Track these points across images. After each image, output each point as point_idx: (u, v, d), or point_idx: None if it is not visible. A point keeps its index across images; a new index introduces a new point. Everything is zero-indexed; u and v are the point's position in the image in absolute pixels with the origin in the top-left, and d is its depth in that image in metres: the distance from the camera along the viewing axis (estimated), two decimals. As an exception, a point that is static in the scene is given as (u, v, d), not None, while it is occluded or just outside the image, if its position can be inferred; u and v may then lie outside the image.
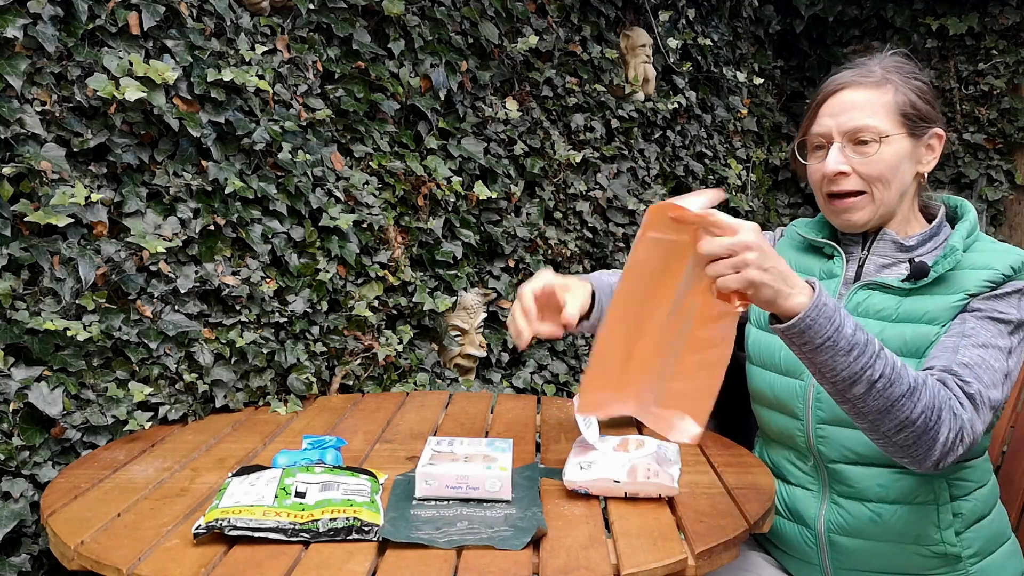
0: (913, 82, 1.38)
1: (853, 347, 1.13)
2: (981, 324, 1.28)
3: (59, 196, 1.56)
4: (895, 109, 1.36)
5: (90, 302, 1.61)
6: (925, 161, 1.40)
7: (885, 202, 1.38)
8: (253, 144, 1.87)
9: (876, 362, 1.14)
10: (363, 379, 2.12)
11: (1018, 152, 4.03)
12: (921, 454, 1.19)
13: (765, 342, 1.49)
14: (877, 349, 1.15)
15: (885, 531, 1.35)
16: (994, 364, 1.25)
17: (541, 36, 2.68)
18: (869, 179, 1.36)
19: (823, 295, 1.12)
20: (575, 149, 2.81)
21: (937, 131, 1.40)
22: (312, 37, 2.08)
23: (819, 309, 1.11)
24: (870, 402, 1.16)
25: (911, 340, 1.32)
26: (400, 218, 2.26)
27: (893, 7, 4.03)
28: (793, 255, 1.53)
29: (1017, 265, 1.31)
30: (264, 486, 1.23)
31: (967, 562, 1.35)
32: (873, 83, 1.37)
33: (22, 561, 1.54)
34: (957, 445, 1.19)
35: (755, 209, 3.67)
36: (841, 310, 1.14)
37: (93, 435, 1.61)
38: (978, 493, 1.37)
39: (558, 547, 1.13)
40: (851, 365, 1.13)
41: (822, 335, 1.12)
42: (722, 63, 3.53)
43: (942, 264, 1.33)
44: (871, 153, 1.35)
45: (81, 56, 1.64)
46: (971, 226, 1.38)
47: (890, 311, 1.35)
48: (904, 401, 1.15)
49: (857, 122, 1.35)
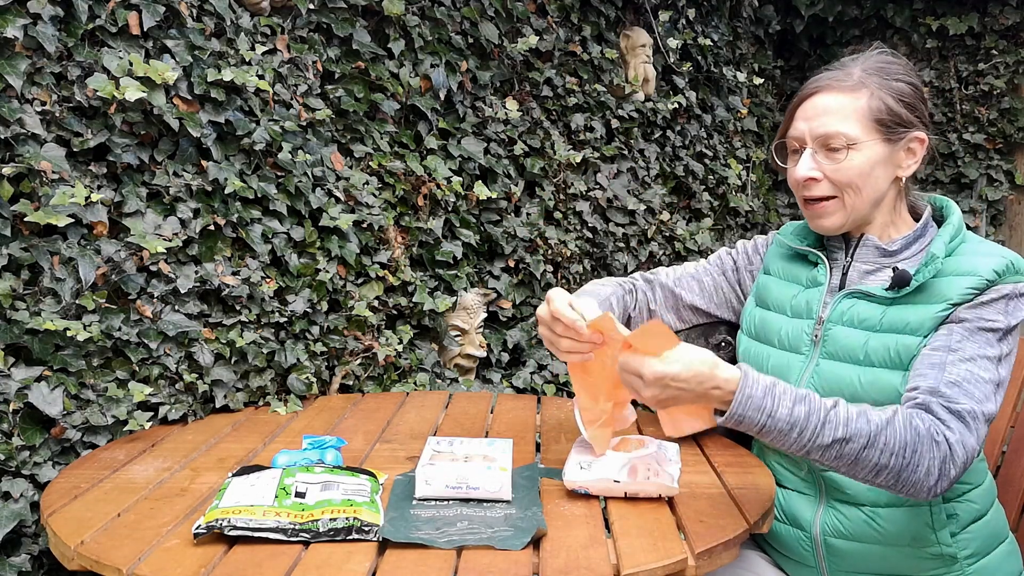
0: (894, 84, 1.35)
1: (793, 426, 1.15)
2: (968, 336, 1.26)
3: (59, 196, 1.56)
4: (868, 115, 1.33)
5: (90, 302, 1.61)
6: (905, 165, 1.37)
7: (857, 208, 1.36)
8: (253, 144, 1.87)
9: (824, 430, 1.16)
10: (363, 379, 2.12)
11: (1018, 152, 4.03)
12: (909, 489, 1.19)
13: (755, 351, 1.49)
14: (824, 416, 1.16)
15: (881, 534, 1.34)
16: (983, 376, 1.24)
17: (541, 36, 2.68)
18: (840, 185, 1.35)
19: (749, 387, 1.15)
20: (575, 149, 2.81)
21: (917, 135, 1.36)
22: (312, 37, 2.08)
23: (745, 403, 1.15)
24: (831, 463, 1.18)
25: (895, 351, 1.31)
26: (400, 218, 2.26)
27: (893, 7, 4.03)
28: (781, 264, 1.52)
29: (1001, 269, 1.28)
30: (264, 486, 1.23)
31: (964, 563, 1.35)
32: (847, 87, 1.35)
33: (22, 561, 1.54)
34: (948, 469, 1.18)
35: (755, 209, 3.67)
36: (775, 390, 1.16)
37: (93, 435, 1.61)
38: (973, 494, 1.37)
39: (558, 547, 1.13)
40: (796, 440, 1.16)
41: (756, 423, 1.15)
42: (722, 63, 3.53)
43: (923, 273, 1.30)
44: (841, 159, 1.33)
45: (81, 56, 1.64)
46: (954, 230, 1.36)
47: (874, 321, 1.34)
48: (867, 452, 1.16)
49: (827, 128, 1.33)
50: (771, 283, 1.52)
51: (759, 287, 1.55)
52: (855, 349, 1.34)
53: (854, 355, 1.34)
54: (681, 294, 1.63)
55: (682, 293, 1.63)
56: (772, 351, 1.46)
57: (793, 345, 1.43)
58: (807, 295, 1.44)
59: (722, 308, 1.63)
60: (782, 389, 1.17)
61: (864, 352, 1.33)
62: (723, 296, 1.63)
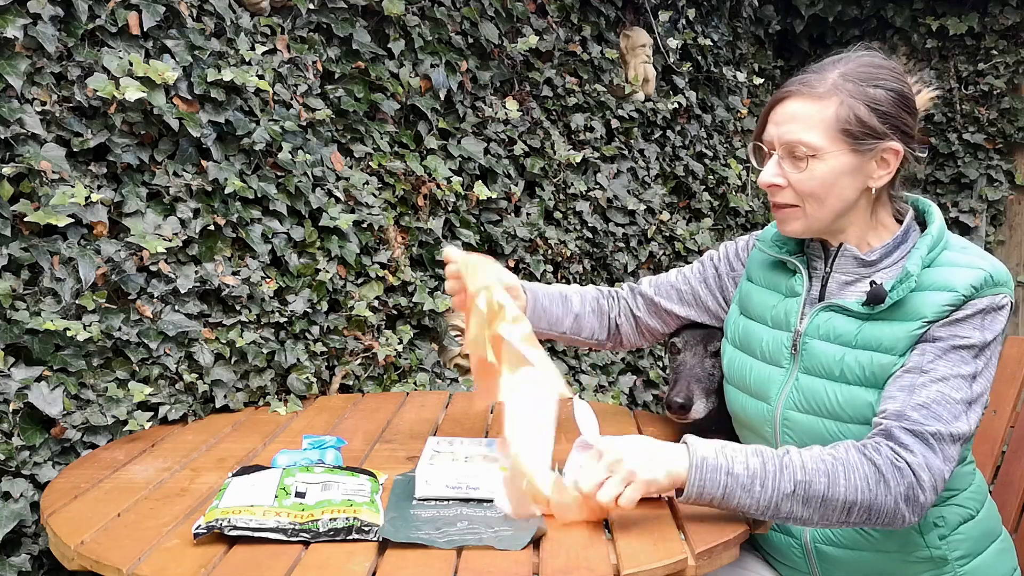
0: (870, 91, 1.29)
1: (753, 478, 1.16)
2: (941, 355, 1.24)
3: (59, 196, 1.56)
4: (834, 124, 1.28)
5: (90, 302, 1.61)
6: (876, 176, 1.32)
7: (819, 217, 1.33)
8: (253, 144, 1.87)
9: (783, 475, 1.16)
10: (363, 379, 2.12)
11: (1018, 152, 4.03)
12: (885, 521, 1.19)
13: (739, 362, 1.48)
14: (779, 463, 1.17)
15: (869, 541, 1.34)
16: (955, 396, 1.22)
17: (541, 36, 2.68)
18: (801, 194, 1.32)
19: (697, 454, 1.17)
20: (575, 149, 2.81)
21: (891, 146, 1.29)
22: (312, 37, 2.08)
23: (700, 469, 1.16)
24: (801, 513, 1.18)
25: (870, 369, 1.29)
26: (400, 218, 2.26)
27: (893, 7, 4.03)
28: (762, 272, 1.50)
29: (979, 283, 1.25)
30: (264, 486, 1.23)
31: (955, 564, 1.34)
32: (816, 95, 1.29)
33: (22, 561, 1.54)
34: (916, 494, 1.18)
35: (755, 209, 3.67)
36: (725, 451, 1.18)
37: (93, 435, 1.61)
38: (960, 498, 1.36)
39: (558, 547, 1.13)
40: (761, 493, 1.16)
41: (720, 486, 1.16)
42: (722, 63, 3.53)
43: (898, 290, 1.27)
44: (803, 168, 1.30)
45: (81, 56, 1.64)
46: (933, 240, 1.32)
47: (850, 336, 1.32)
48: (831, 490, 1.17)
49: (793, 135, 1.30)
50: (753, 291, 1.50)
51: (742, 294, 1.54)
52: (831, 365, 1.33)
53: (830, 371, 1.33)
54: (660, 302, 1.64)
55: (660, 301, 1.64)
56: (755, 363, 1.44)
57: (774, 358, 1.41)
58: (785, 305, 1.42)
59: (704, 315, 1.63)
60: (731, 447, 1.19)
61: (840, 368, 1.32)
62: (702, 304, 1.62)
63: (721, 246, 1.65)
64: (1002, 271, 1.29)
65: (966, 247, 1.34)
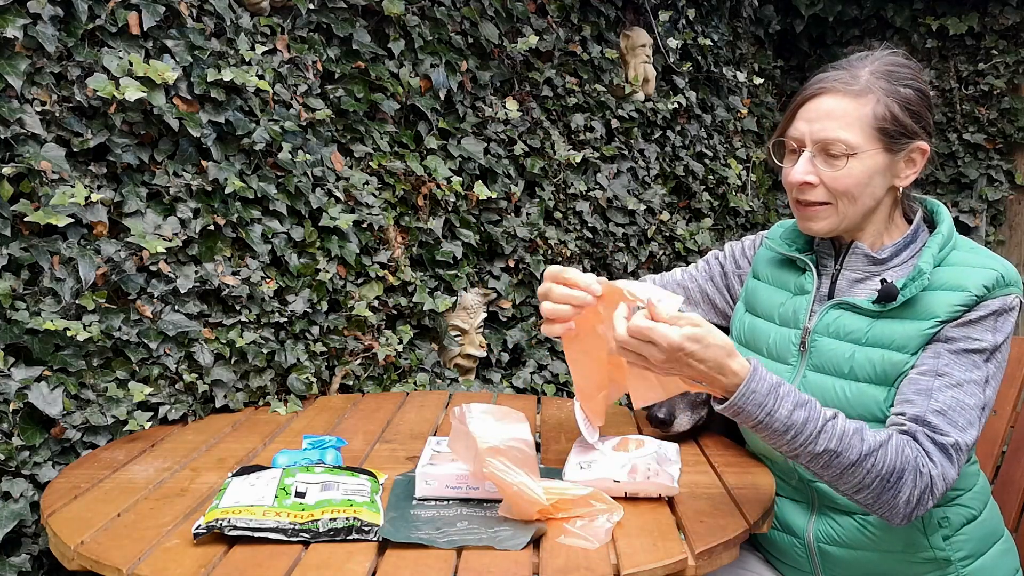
0: (902, 91, 1.30)
1: (788, 428, 1.16)
2: (956, 359, 1.25)
3: (59, 196, 1.56)
4: (872, 123, 1.28)
5: (90, 302, 1.61)
6: (903, 175, 1.33)
7: (849, 216, 1.33)
8: (253, 144, 1.87)
9: (819, 438, 1.16)
10: (363, 379, 2.12)
11: (1018, 152, 4.03)
12: (885, 512, 1.21)
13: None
14: (820, 425, 1.16)
15: (874, 541, 1.34)
16: (969, 402, 1.23)
17: (541, 36, 2.68)
18: (835, 192, 1.31)
19: (756, 381, 1.15)
20: (575, 149, 2.81)
21: (920, 145, 1.31)
22: (312, 37, 2.08)
23: (747, 396, 1.15)
24: (817, 470, 1.19)
25: (881, 367, 1.29)
26: (400, 218, 2.26)
27: (893, 7, 4.03)
28: (769, 269, 1.50)
29: (991, 283, 1.26)
30: (264, 486, 1.23)
31: (958, 565, 1.35)
32: (853, 92, 1.29)
33: (22, 561, 1.54)
34: (925, 500, 1.19)
35: (755, 209, 3.67)
36: (779, 391, 1.16)
37: (93, 435, 1.61)
38: (964, 498, 1.37)
39: (558, 547, 1.13)
40: (789, 443, 1.17)
41: (753, 418, 1.16)
42: (722, 63, 3.52)
43: (910, 288, 1.28)
44: (840, 167, 1.29)
45: (81, 56, 1.64)
46: (943, 239, 1.32)
47: (860, 334, 1.32)
48: (853, 469, 1.17)
49: (829, 133, 1.29)
50: (760, 289, 1.51)
51: (748, 292, 1.54)
52: (840, 362, 1.33)
53: (839, 368, 1.33)
54: None
55: None
56: (760, 360, 1.44)
57: (780, 355, 1.42)
58: (794, 303, 1.42)
59: (710, 312, 1.63)
60: (786, 391, 1.17)
61: (849, 366, 1.32)
62: (710, 301, 1.62)
63: (726, 245, 1.65)
64: (1013, 272, 1.30)
65: (975, 247, 1.35)
